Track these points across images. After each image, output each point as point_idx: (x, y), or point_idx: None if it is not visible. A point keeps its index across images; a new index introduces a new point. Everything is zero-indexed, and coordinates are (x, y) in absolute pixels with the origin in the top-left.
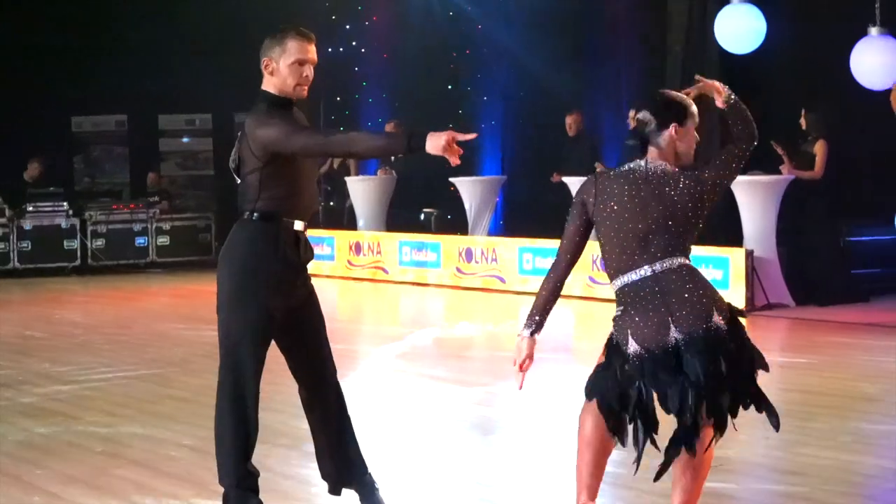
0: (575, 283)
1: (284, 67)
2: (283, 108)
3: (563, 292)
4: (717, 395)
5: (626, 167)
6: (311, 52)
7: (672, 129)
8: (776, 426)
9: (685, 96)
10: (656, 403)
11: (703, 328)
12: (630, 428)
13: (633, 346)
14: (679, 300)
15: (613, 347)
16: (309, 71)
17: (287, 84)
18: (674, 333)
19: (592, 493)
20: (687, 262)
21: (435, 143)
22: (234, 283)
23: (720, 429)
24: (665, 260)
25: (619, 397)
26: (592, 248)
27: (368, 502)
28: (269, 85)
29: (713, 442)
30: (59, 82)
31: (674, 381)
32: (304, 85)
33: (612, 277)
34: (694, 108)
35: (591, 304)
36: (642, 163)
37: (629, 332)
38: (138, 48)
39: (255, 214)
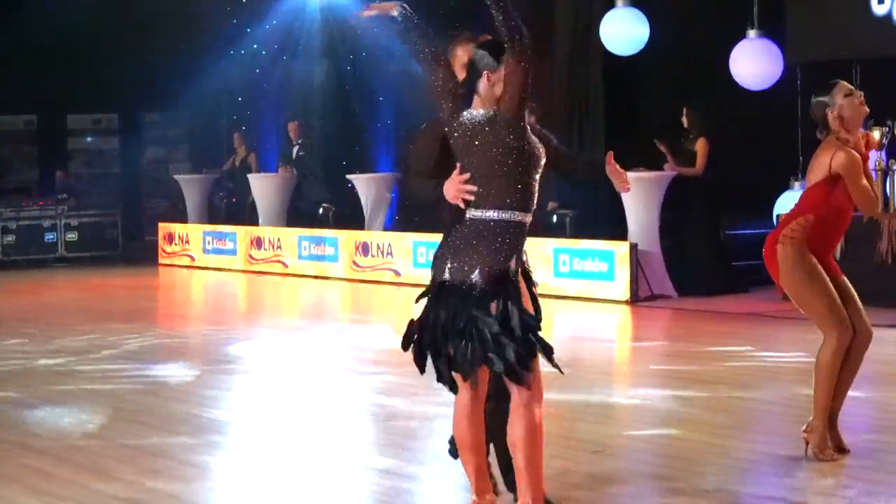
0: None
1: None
2: None
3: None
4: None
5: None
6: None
7: (485, 76)
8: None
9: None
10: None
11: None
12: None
13: (445, 275)
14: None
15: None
16: None
17: None
18: (474, 276)
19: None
20: (478, 214)
21: (448, 193)
22: None
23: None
24: (477, 209)
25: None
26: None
27: None
28: None
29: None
30: None
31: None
32: None
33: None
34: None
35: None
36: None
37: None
38: (46, 50)
39: None
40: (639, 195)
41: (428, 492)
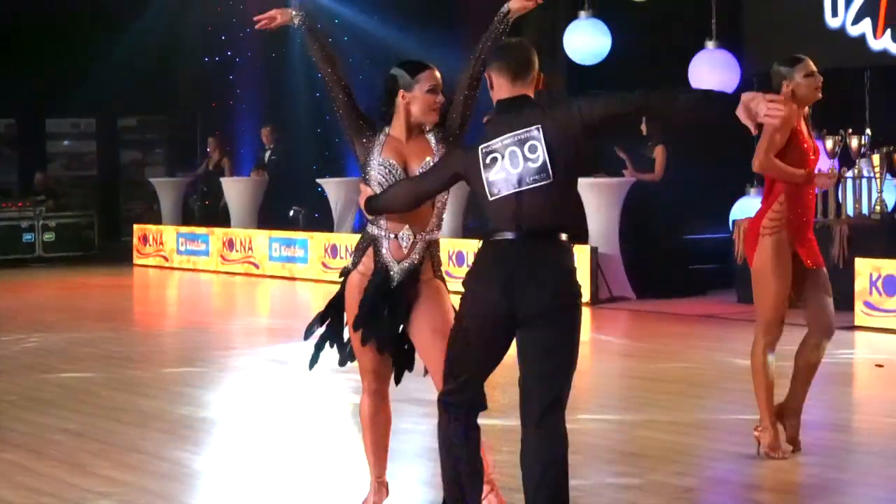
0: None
1: None
2: None
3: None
4: None
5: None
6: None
7: (400, 94)
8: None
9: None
10: None
11: None
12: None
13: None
14: None
15: None
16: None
17: None
18: None
19: (380, 471)
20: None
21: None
22: None
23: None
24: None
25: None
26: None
27: None
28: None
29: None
30: None
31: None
32: None
33: None
34: (423, 74)
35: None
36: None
37: None
38: (25, 55)
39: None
40: (599, 200)
41: (404, 488)
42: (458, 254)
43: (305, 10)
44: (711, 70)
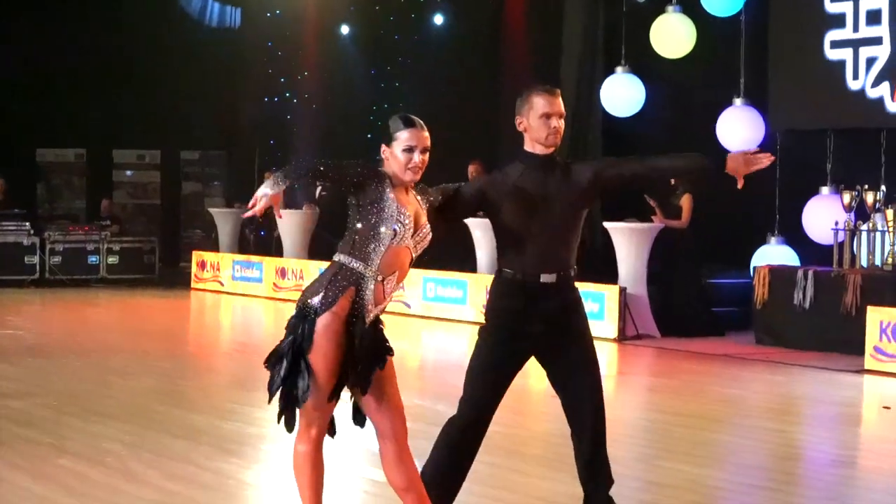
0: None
1: (534, 121)
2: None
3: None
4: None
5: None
6: (557, 105)
7: (382, 149)
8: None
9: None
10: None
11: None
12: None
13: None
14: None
15: None
16: (557, 122)
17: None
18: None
19: None
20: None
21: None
22: None
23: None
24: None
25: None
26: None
27: None
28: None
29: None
30: (25, 117)
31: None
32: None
33: None
34: (403, 132)
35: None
36: None
37: None
38: (96, 90)
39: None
40: (629, 244)
41: None
42: None
43: (284, 173)
44: (738, 125)
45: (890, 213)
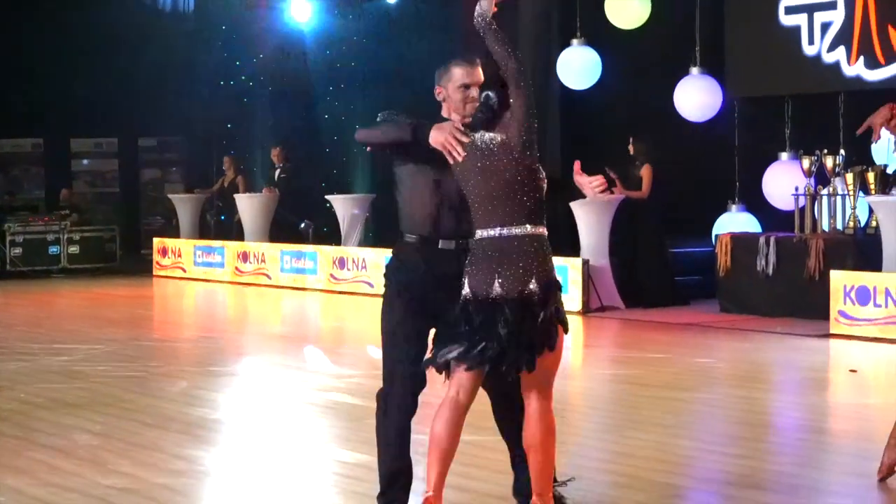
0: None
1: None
2: None
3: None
4: (516, 349)
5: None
6: (477, 74)
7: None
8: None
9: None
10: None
11: (518, 291)
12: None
13: (465, 289)
14: (509, 262)
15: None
16: (474, 92)
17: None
18: (497, 289)
19: (437, 487)
20: (534, 230)
21: (436, 137)
22: None
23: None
24: (507, 227)
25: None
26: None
27: None
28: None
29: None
30: None
31: (485, 329)
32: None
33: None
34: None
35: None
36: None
37: (466, 277)
38: (51, 79)
39: None
40: (590, 216)
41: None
42: None
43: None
44: (695, 94)
45: (850, 176)
